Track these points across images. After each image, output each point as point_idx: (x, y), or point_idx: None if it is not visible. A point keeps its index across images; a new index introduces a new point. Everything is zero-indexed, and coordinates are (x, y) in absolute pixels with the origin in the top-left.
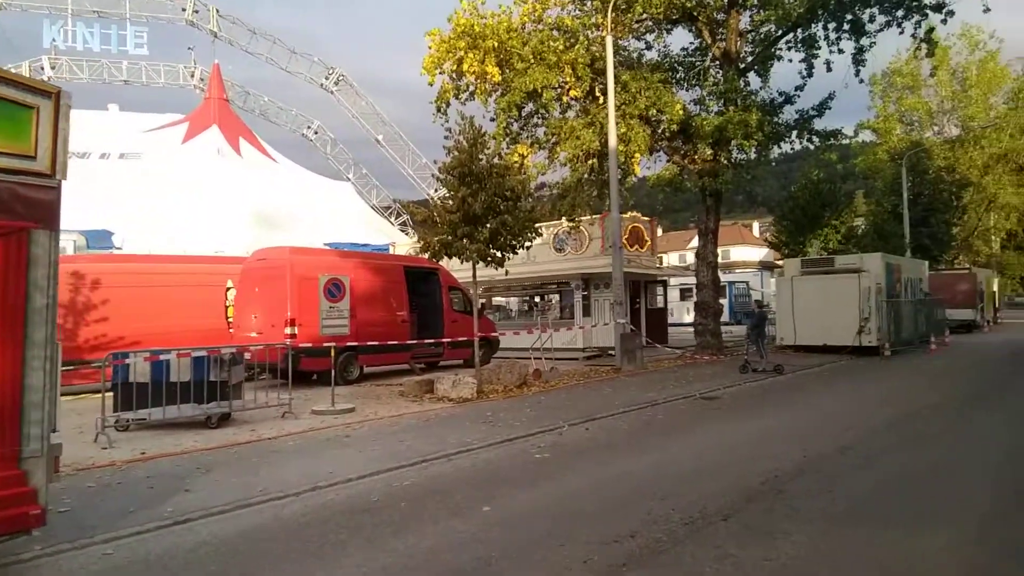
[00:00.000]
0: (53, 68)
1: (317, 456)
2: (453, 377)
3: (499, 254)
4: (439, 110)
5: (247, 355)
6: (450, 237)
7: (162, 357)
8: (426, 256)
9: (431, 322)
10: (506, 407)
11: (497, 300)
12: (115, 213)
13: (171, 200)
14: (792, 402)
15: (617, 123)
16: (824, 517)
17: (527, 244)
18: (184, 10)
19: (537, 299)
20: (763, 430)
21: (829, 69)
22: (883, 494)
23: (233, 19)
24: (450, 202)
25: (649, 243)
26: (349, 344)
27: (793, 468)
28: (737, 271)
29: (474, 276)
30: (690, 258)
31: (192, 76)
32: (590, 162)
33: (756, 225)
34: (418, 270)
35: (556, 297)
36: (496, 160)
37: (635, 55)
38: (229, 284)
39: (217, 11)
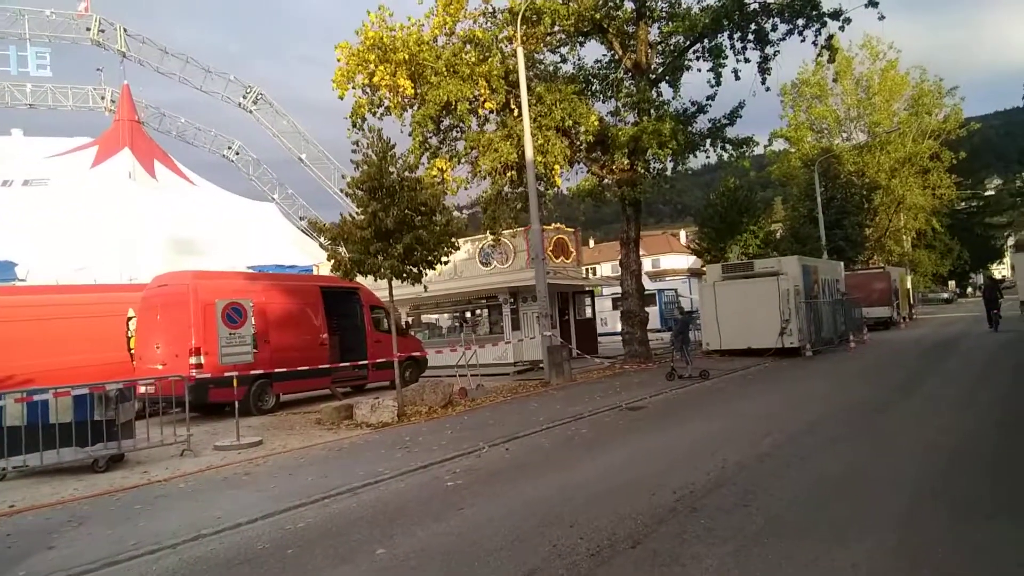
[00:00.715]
0: None
1: (209, 499)
2: (372, 401)
3: (415, 270)
4: (354, 125)
5: (145, 389)
6: (362, 255)
7: (36, 397)
8: (338, 275)
9: (353, 344)
10: (427, 430)
11: (427, 318)
12: (19, 243)
13: (80, 227)
14: (714, 408)
15: (534, 135)
16: (739, 535)
17: (444, 259)
18: (89, 29)
19: (468, 315)
20: (683, 440)
21: (737, 78)
22: (801, 504)
23: (143, 39)
24: (360, 217)
25: (574, 254)
26: (261, 372)
27: (709, 481)
28: (667, 279)
29: (390, 293)
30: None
31: (103, 99)
32: (509, 174)
33: (683, 234)
34: (337, 290)
35: (485, 312)
36: (407, 174)
37: (551, 68)
38: (131, 313)
39: (125, 30)
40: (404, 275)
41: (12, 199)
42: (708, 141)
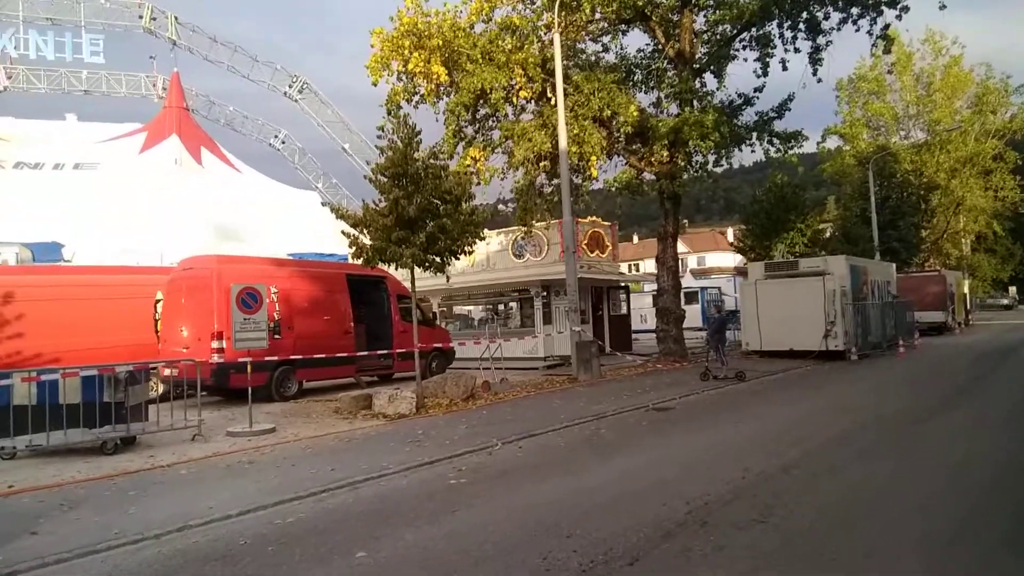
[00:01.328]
0: (10, 78)
1: (207, 488)
2: (390, 392)
3: (438, 260)
4: (389, 113)
5: (170, 371)
6: (384, 242)
7: (45, 377)
8: (359, 263)
9: (379, 333)
10: (443, 423)
11: (459, 309)
12: (67, 225)
13: (126, 211)
14: (746, 412)
15: (569, 124)
16: (750, 555)
17: (468, 249)
18: (141, 17)
19: (496, 307)
20: (708, 445)
21: (785, 68)
22: (823, 524)
23: (192, 27)
24: (383, 204)
25: (610, 248)
26: (286, 358)
27: (727, 492)
28: (713, 277)
29: (412, 283)
30: None
31: (154, 86)
32: (542, 164)
33: (731, 231)
34: (364, 278)
35: (516, 305)
36: (433, 161)
37: (592, 58)
38: (159, 296)
39: (176, 18)
40: (427, 264)
41: (62, 182)
42: (754, 135)
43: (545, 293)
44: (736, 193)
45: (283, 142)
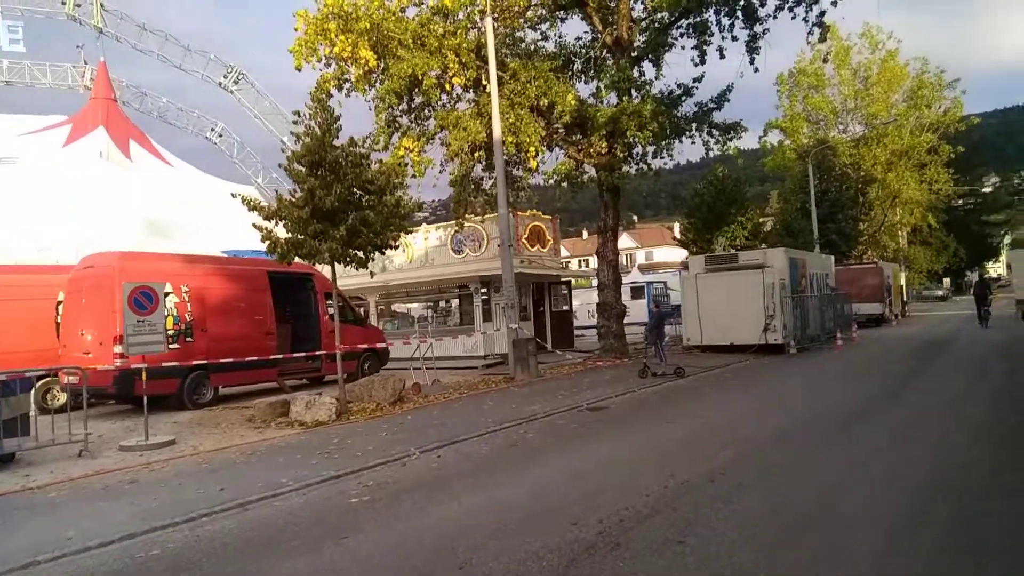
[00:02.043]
0: None
1: (73, 513)
2: (308, 397)
3: (360, 255)
4: (317, 101)
5: (68, 379)
6: (300, 236)
7: None
8: (274, 258)
9: (306, 334)
10: (362, 431)
11: (398, 307)
12: None
13: (47, 207)
14: (681, 411)
15: (505, 114)
16: None
17: (393, 243)
18: (64, 3)
19: (439, 304)
20: (635, 449)
21: (722, 56)
22: (746, 544)
23: (120, 14)
24: (299, 195)
25: (551, 242)
26: (198, 362)
27: (646, 506)
28: (661, 272)
29: (334, 279)
30: None
31: (82, 77)
32: (477, 154)
33: (678, 227)
34: (288, 276)
35: (456, 302)
36: (353, 148)
37: (531, 47)
38: (60, 296)
39: (102, 5)
40: (348, 260)
41: None
42: (694, 126)
43: (485, 289)
44: (683, 188)
45: (220, 135)
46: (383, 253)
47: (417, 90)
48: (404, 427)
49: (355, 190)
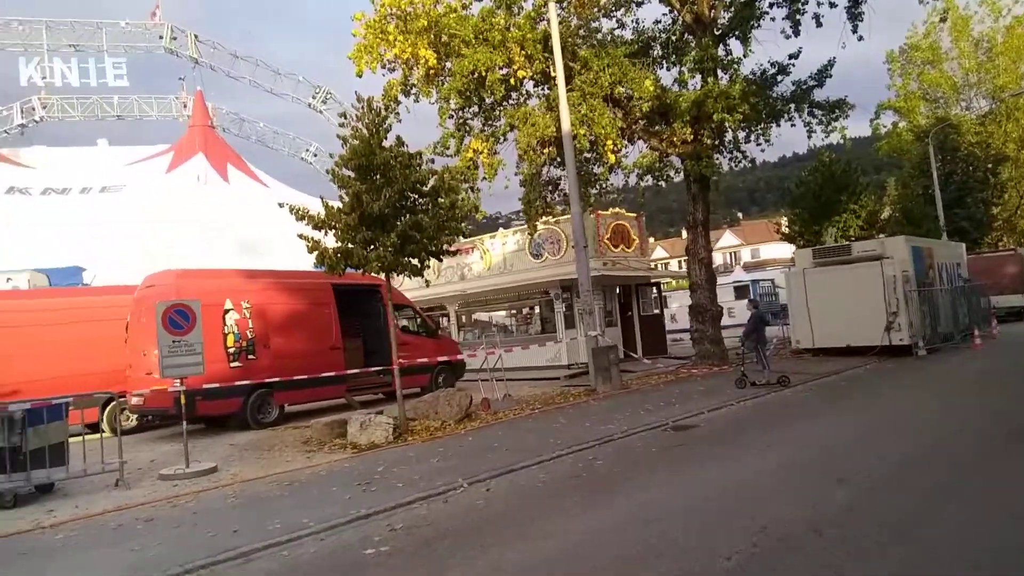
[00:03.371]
0: (45, 108)
1: (67, 560)
2: (364, 417)
3: (415, 262)
4: (387, 108)
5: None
6: (348, 244)
7: None
8: (323, 269)
9: (376, 347)
10: (414, 456)
11: (479, 316)
12: (89, 249)
13: (150, 232)
14: (782, 431)
15: (578, 105)
16: None
17: (448, 248)
18: (161, 38)
19: (520, 312)
20: (721, 484)
21: (819, 24)
22: None
23: (213, 44)
24: (345, 201)
25: (637, 241)
26: (261, 380)
27: (726, 572)
28: (768, 269)
29: (388, 288)
30: (719, 259)
31: (184, 107)
32: (546, 151)
33: (785, 221)
34: (355, 288)
35: (536, 309)
36: (401, 148)
37: (608, 36)
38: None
39: (196, 37)
40: (401, 268)
41: (88, 206)
42: (792, 107)
43: (566, 295)
44: (791, 182)
45: (315, 155)
46: (440, 260)
47: (483, 88)
48: (461, 451)
49: (408, 193)
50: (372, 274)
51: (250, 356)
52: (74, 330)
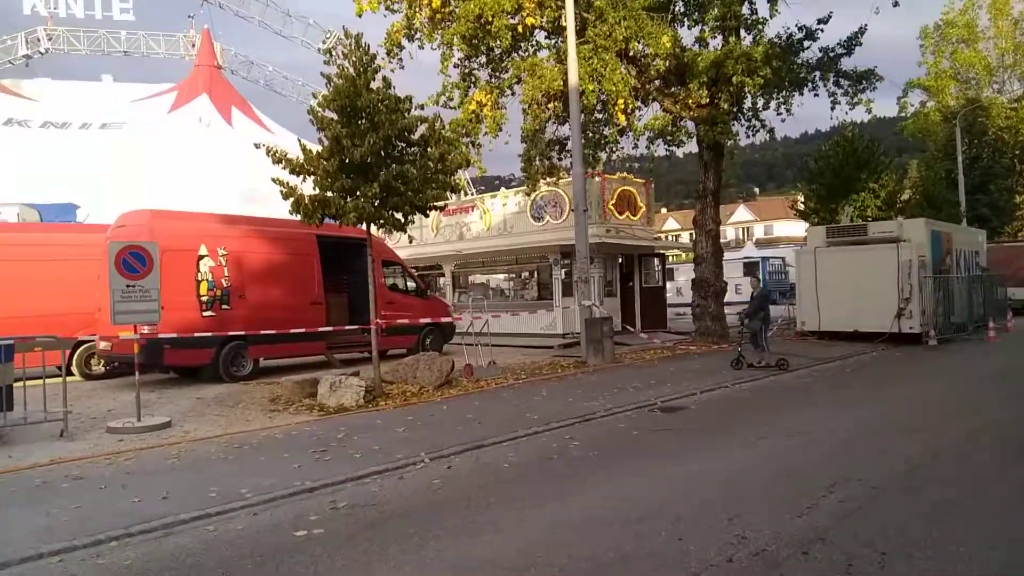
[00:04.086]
0: (50, 39)
1: None
2: (334, 378)
3: (398, 216)
4: (389, 54)
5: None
6: (329, 192)
7: None
8: (297, 218)
9: (363, 305)
10: (381, 423)
11: (476, 278)
12: (85, 186)
13: (148, 172)
14: (777, 421)
15: (589, 58)
16: None
17: (437, 204)
18: None
19: (522, 275)
20: (700, 480)
21: None
22: None
23: None
24: (325, 145)
25: (643, 209)
26: (236, 333)
27: None
28: (781, 247)
29: (369, 243)
30: (731, 234)
31: (193, 46)
32: (552, 106)
33: (801, 198)
34: (341, 241)
35: (535, 274)
36: (390, 91)
37: None
38: None
39: None
40: (381, 221)
41: (86, 142)
42: (817, 75)
43: (567, 261)
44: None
45: None
46: (426, 215)
47: (489, 36)
48: (433, 420)
49: (395, 141)
50: (352, 226)
51: (224, 306)
52: (46, 268)
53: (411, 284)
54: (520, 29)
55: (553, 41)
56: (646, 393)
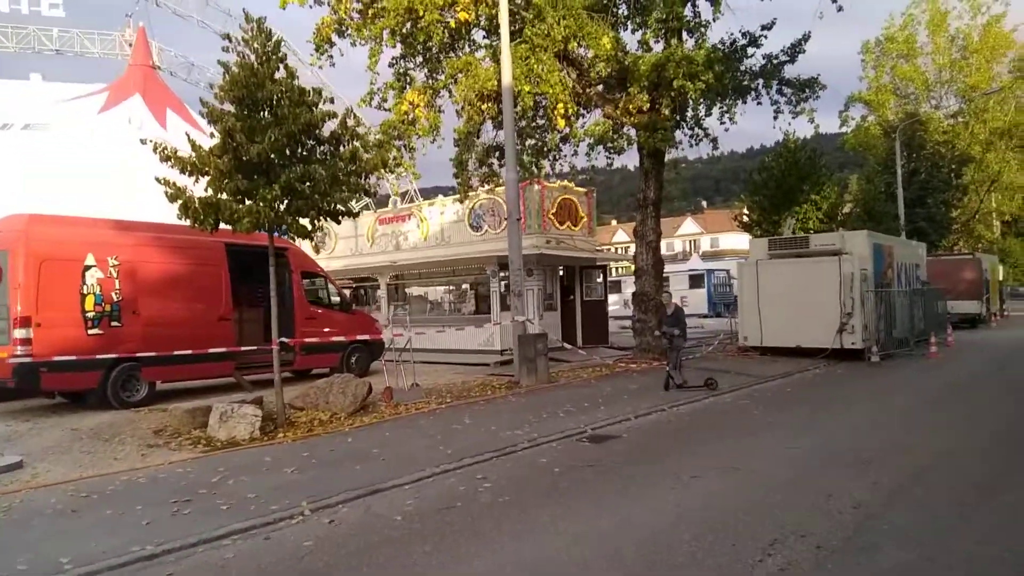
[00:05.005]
0: None
1: None
2: (226, 406)
3: (305, 223)
4: (318, 50)
5: None
6: (223, 194)
7: None
8: (187, 223)
9: (281, 320)
10: (271, 459)
11: (413, 290)
12: (4, 189)
13: (71, 174)
14: (712, 453)
15: (526, 58)
16: None
17: (342, 207)
18: None
19: (460, 288)
20: (623, 532)
21: None
22: None
23: None
24: (216, 141)
25: (585, 219)
26: (127, 353)
27: None
28: (727, 259)
29: (271, 250)
30: (678, 246)
31: (130, 46)
32: (485, 107)
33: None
34: (253, 251)
35: (472, 287)
36: (291, 81)
37: None
38: None
39: None
40: (283, 226)
41: (5, 143)
42: (760, 83)
43: (505, 273)
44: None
45: None
46: (337, 221)
47: (419, 31)
48: (332, 457)
49: (303, 139)
50: (247, 233)
51: (114, 323)
52: None
53: (335, 298)
54: (453, 25)
55: (491, 41)
56: (577, 419)
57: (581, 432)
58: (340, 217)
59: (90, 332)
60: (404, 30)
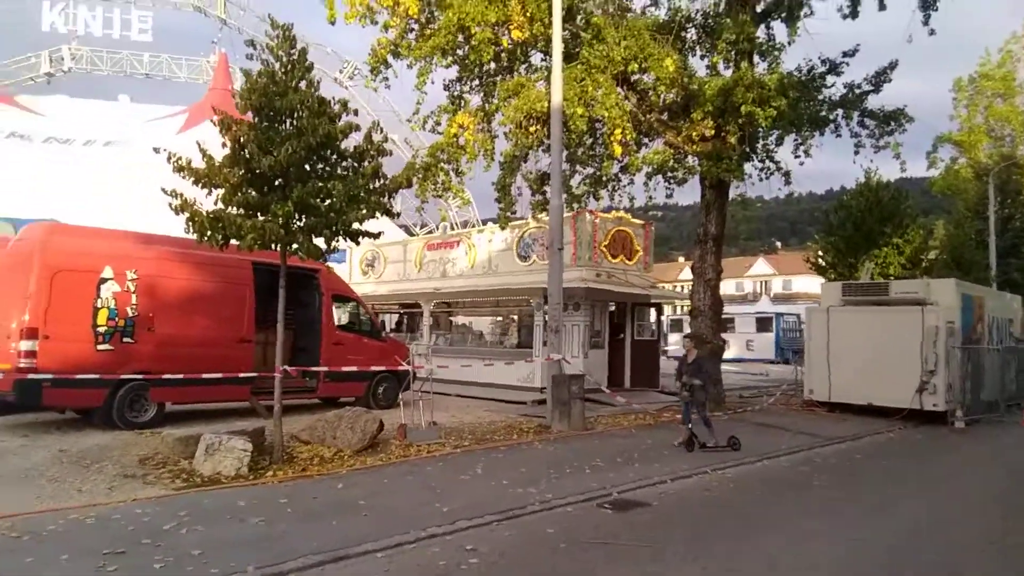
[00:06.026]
0: (74, 59)
1: None
2: (214, 438)
3: (318, 243)
4: (373, 72)
5: None
6: (232, 208)
7: None
8: (194, 237)
9: (307, 344)
10: (245, 504)
11: (458, 319)
12: (74, 202)
13: (143, 192)
14: (753, 540)
15: (580, 79)
16: None
17: (359, 227)
18: None
19: (503, 320)
20: None
21: (883, 7)
22: None
23: (242, 5)
24: (227, 152)
25: (640, 253)
26: (136, 371)
27: None
28: (800, 303)
29: (283, 268)
30: (748, 287)
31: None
32: (533, 129)
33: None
34: (288, 270)
35: (516, 319)
36: (314, 92)
37: (639, 12)
38: None
39: None
40: (294, 244)
41: (87, 160)
42: (840, 112)
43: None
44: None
45: None
46: (356, 242)
47: (471, 49)
48: (311, 506)
49: (325, 152)
50: (250, 250)
51: (126, 339)
52: None
53: (366, 324)
54: (506, 44)
55: (549, 63)
56: (604, 476)
57: (605, 495)
58: (359, 237)
59: (99, 348)
60: (455, 49)
